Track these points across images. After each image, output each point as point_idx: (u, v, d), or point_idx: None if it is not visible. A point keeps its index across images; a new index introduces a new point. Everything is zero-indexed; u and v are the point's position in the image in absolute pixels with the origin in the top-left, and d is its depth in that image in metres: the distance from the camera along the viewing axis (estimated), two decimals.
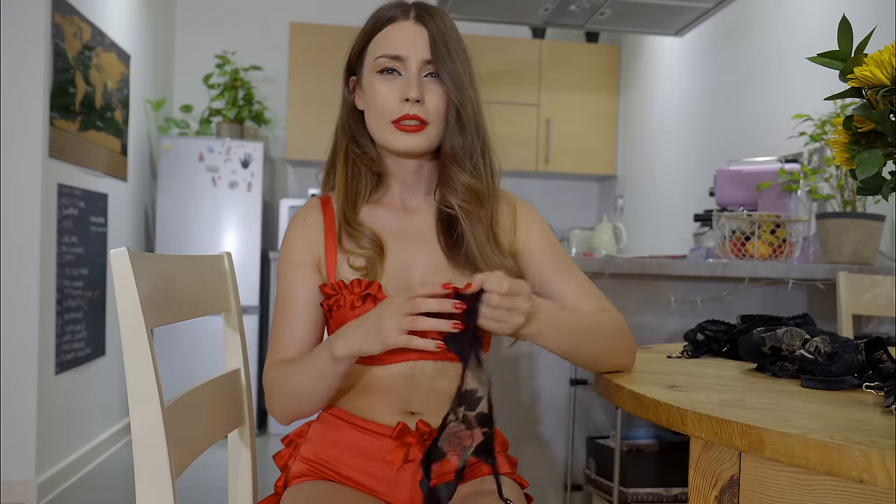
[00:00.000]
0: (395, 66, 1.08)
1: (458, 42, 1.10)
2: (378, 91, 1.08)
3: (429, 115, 1.07)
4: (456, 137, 1.09)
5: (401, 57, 1.07)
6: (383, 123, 1.08)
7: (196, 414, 1.03)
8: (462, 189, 1.10)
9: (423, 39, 1.08)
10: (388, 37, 1.09)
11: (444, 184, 1.12)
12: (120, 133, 3.66)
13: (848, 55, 0.87)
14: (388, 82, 1.08)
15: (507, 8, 3.39)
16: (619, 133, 4.59)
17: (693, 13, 3.29)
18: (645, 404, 0.87)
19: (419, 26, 1.08)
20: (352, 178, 1.13)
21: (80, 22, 3.14)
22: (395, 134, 1.08)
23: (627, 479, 2.04)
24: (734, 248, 2.20)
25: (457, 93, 1.07)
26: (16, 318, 2.77)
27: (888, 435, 0.69)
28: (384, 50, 1.08)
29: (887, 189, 0.88)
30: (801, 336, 1.05)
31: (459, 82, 1.07)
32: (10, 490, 2.74)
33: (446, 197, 1.11)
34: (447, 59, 1.07)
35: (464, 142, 1.09)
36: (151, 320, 0.92)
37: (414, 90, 1.06)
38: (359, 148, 1.14)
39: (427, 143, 1.09)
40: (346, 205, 1.12)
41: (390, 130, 1.08)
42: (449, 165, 1.11)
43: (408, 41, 1.07)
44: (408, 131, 1.07)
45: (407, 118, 1.06)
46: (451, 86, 1.07)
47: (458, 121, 1.08)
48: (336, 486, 1.09)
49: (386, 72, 1.08)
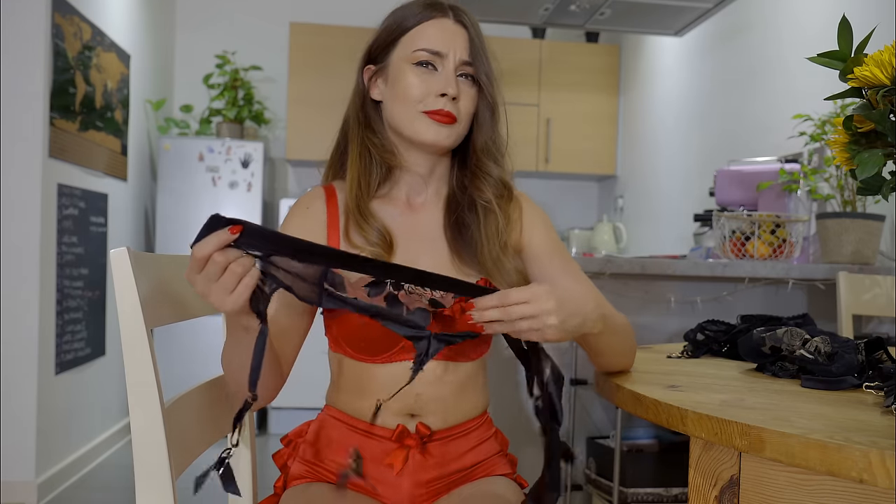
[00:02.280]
0: (433, 60, 1.09)
1: (485, 42, 1.13)
2: (411, 82, 1.08)
3: (460, 114, 1.09)
4: (490, 133, 1.13)
5: (441, 53, 1.09)
6: (413, 112, 1.09)
7: (196, 414, 1.03)
8: (495, 182, 1.13)
9: (463, 40, 1.10)
10: (428, 31, 1.10)
11: (479, 178, 1.14)
12: (120, 133, 3.66)
13: (848, 55, 0.87)
14: (424, 75, 1.09)
15: (507, 8, 3.39)
16: (619, 133, 4.59)
17: (693, 13, 3.29)
18: (645, 404, 0.87)
19: (459, 27, 1.11)
20: (364, 167, 1.13)
21: (80, 22, 3.14)
22: (425, 123, 1.08)
23: (627, 479, 2.04)
24: (734, 248, 2.20)
25: (492, 92, 1.11)
26: (16, 318, 2.77)
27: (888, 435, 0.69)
28: (425, 44, 1.09)
29: (887, 189, 0.88)
30: (801, 336, 1.05)
31: (493, 81, 1.12)
32: (10, 490, 2.74)
33: (483, 191, 1.13)
34: (483, 60, 1.11)
35: (497, 138, 1.13)
36: (151, 320, 0.92)
37: (452, 87, 1.07)
38: (374, 137, 1.14)
39: (453, 139, 1.11)
40: (360, 193, 1.11)
41: (421, 119, 1.08)
42: (484, 159, 1.13)
43: (448, 39, 1.09)
44: (440, 122, 1.08)
45: (440, 112, 1.08)
46: (488, 85, 1.11)
47: (492, 118, 1.12)
48: (335, 488, 1.09)
49: (423, 65, 1.09)
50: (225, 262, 0.80)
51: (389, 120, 1.12)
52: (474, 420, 1.15)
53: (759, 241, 2.18)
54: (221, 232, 0.80)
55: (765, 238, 2.19)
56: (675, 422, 0.81)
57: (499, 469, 1.16)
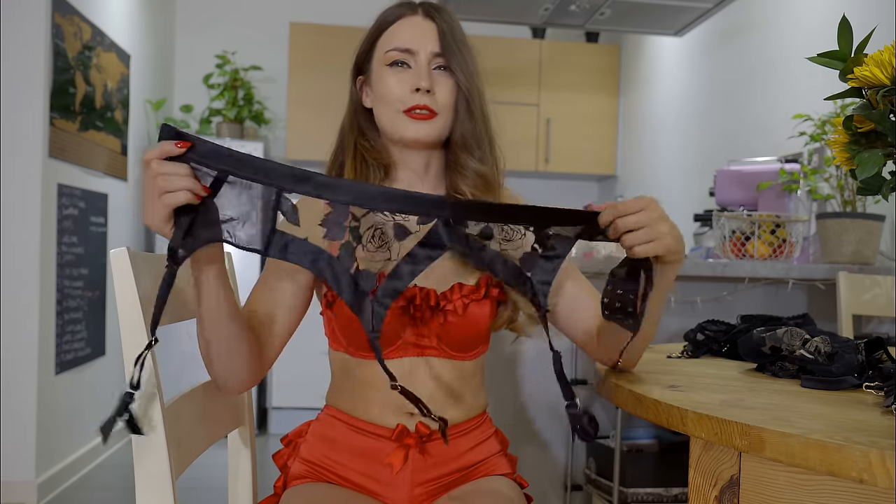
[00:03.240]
0: (404, 58, 1.09)
1: (464, 37, 1.13)
2: (388, 83, 1.09)
3: (438, 106, 1.09)
4: (466, 125, 1.12)
5: (411, 50, 1.09)
6: (394, 113, 1.10)
7: (196, 414, 1.03)
8: (472, 175, 1.12)
9: (433, 33, 1.10)
10: (397, 31, 1.11)
11: (455, 171, 1.13)
12: (120, 133, 3.66)
13: (848, 55, 0.87)
14: (398, 74, 1.09)
15: (507, 8, 3.39)
16: (619, 133, 4.59)
17: (693, 13, 3.29)
18: (645, 404, 0.87)
19: (428, 21, 1.11)
20: (360, 172, 1.14)
21: (80, 22, 3.14)
22: (405, 122, 1.09)
23: (627, 479, 2.04)
24: (734, 248, 2.20)
25: (466, 82, 1.10)
26: (16, 318, 2.77)
27: (888, 435, 0.69)
28: (394, 43, 1.10)
29: (887, 189, 0.88)
30: (801, 336, 1.05)
31: (468, 72, 1.10)
32: (10, 490, 2.74)
33: (457, 185, 1.12)
34: (456, 51, 1.10)
35: (473, 129, 1.12)
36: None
37: (425, 80, 1.08)
38: (367, 142, 1.15)
39: (436, 133, 1.11)
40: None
41: (401, 119, 1.09)
42: (459, 153, 1.13)
43: (417, 35, 1.10)
44: (418, 119, 1.08)
45: (417, 108, 1.08)
46: (461, 76, 1.10)
47: (467, 110, 1.11)
48: (335, 488, 1.09)
49: (396, 64, 1.10)
50: (158, 172, 0.80)
51: (379, 125, 1.14)
52: (473, 419, 1.15)
53: (759, 241, 2.18)
54: (167, 143, 0.80)
55: (765, 238, 2.19)
56: (675, 422, 0.81)
57: (499, 469, 1.16)
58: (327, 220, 0.88)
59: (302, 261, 0.86)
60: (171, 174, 0.80)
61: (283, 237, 0.86)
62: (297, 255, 0.86)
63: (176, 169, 0.80)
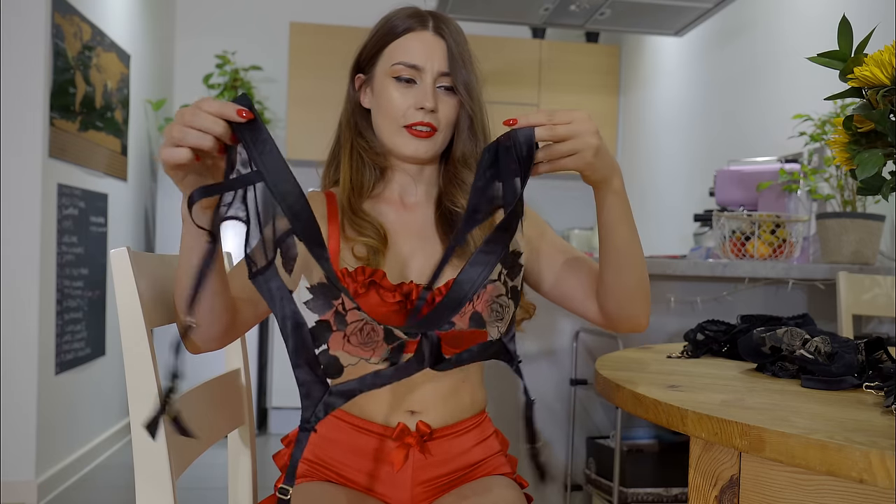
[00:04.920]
0: (411, 75, 1.10)
1: (470, 52, 1.14)
2: (391, 96, 1.10)
3: (439, 124, 1.11)
4: (468, 144, 1.14)
5: (419, 67, 1.10)
6: (394, 127, 1.11)
7: (196, 414, 1.03)
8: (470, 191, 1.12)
9: (441, 51, 1.10)
10: (406, 45, 1.11)
11: (455, 185, 1.15)
12: (120, 133, 3.66)
13: (848, 55, 0.87)
14: (403, 90, 1.10)
15: (507, 8, 3.39)
16: (619, 133, 4.59)
17: (693, 13, 3.29)
18: (645, 404, 0.87)
19: (438, 38, 1.11)
20: (356, 171, 1.15)
21: (80, 22, 3.14)
22: (405, 138, 1.10)
23: (627, 479, 2.04)
24: (734, 248, 2.20)
25: (471, 102, 1.11)
26: (16, 318, 2.77)
27: (888, 435, 0.69)
28: (402, 58, 1.10)
29: (887, 189, 0.88)
30: (801, 336, 1.05)
31: (473, 93, 1.12)
32: (10, 490, 2.74)
33: (457, 199, 1.14)
34: (462, 71, 1.11)
35: (475, 148, 1.14)
36: (151, 320, 0.92)
37: (430, 101, 1.09)
38: (365, 142, 1.16)
39: (434, 150, 1.12)
40: (352, 194, 1.13)
41: (400, 134, 1.10)
42: (460, 168, 1.15)
43: (426, 52, 1.10)
44: (418, 136, 1.10)
45: (420, 124, 1.09)
46: (465, 96, 1.11)
47: (470, 128, 1.13)
48: (336, 487, 1.09)
49: (402, 79, 1.10)
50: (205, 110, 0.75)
51: (377, 132, 1.15)
52: (473, 418, 1.16)
53: (759, 241, 2.18)
54: (232, 105, 0.76)
55: (765, 238, 2.19)
56: (675, 422, 0.81)
57: (499, 469, 1.16)
58: (315, 289, 0.86)
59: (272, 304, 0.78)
60: (215, 113, 0.75)
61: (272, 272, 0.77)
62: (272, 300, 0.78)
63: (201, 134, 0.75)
